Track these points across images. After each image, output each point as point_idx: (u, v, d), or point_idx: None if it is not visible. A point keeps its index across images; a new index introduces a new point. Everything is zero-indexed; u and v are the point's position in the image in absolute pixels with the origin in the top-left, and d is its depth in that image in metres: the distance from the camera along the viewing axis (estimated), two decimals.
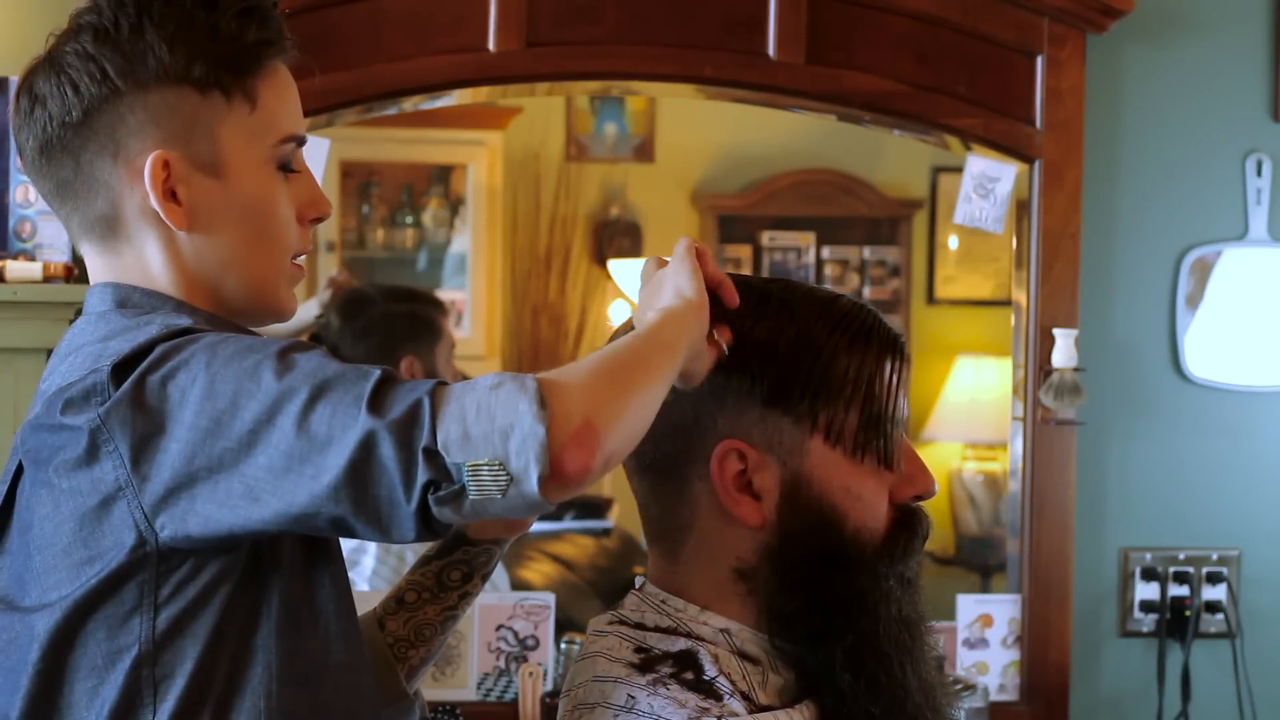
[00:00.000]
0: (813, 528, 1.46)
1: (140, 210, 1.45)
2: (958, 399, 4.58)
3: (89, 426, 1.34)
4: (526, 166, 4.67)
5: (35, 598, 1.38)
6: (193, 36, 1.44)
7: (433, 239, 4.83)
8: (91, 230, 1.48)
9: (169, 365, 1.33)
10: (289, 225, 1.49)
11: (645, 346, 1.37)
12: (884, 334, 1.50)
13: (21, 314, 2.65)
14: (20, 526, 1.41)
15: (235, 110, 1.46)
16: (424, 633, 1.67)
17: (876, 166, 4.75)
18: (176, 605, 1.36)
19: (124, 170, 1.44)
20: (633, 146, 4.81)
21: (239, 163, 1.46)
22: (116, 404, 1.33)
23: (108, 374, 1.34)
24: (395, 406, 1.28)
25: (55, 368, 1.43)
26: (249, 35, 1.46)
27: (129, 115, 1.43)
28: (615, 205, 4.82)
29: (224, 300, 1.48)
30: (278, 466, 1.30)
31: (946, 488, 4.55)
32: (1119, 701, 3.18)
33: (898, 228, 4.84)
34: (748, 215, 4.83)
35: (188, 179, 1.44)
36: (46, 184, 1.48)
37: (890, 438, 1.49)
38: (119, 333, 1.40)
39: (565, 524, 4.37)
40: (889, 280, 4.80)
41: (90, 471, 1.35)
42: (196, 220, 1.45)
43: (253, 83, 1.46)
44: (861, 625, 1.45)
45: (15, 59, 2.86)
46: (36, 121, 1.46)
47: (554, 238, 4.68)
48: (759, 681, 1.47)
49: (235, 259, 1.47)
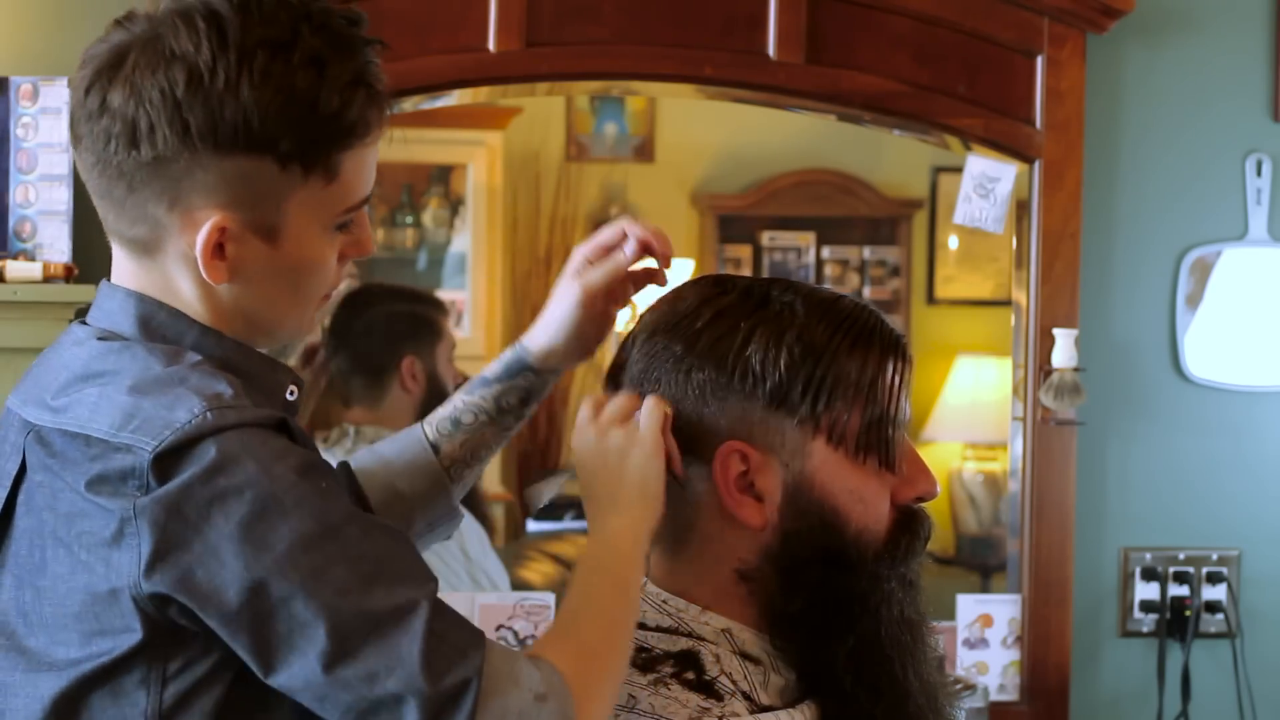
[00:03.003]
0: (814, 529, 1.46)
1: (182, 253, 1.39)
2: (958, 399, 4.58)
3: (120, 512, 1.29)
4: (526, 166, 4.66)
5: (41, 645, 1.35)
6: (290, 108, 1.34)
7: (433, 239, 4.82)
8: (127, 242, 1.42)
9: (221, 487, 1.28)
10: (330, 275, 1.44)
11: (631, 607, 1.42)
12: (886, 335, 1.50)
13: (21, 314, 2.65)
14: (29, 563, 1.37)
15: (310, 185, 1.37)
16: (479, 453, 1.68)
17: (876, 166, 4.75)
18: (185, 681, 1.33)
19: (178, 217, 1.37)
20: (633, 146, 4.80)
21: (298, 232, 1.39)
22: (155, 502, 1.28)
23: (149, 462, 1.29)
24: (443, 676, 1.28)
25: (70, 386, 1.37)
26: (351, 112, 1.36)
27: (199, 172, 1.35)
28: (615, 205, 4.81)
29: (249, 330, 1.43)
30: (297, 667, 1.28)
31: (946, 488, 4.55)
32: (1119, 701, 3.18)
33: (898, 228, 4.84)
34: (748, 215, 4.83)
35: (240, 238, 1.37)
36: (92, 182, 1.41)
37: (892, 439, 1.49)
38: (150, 388, 1.33)
39: (565, 524, 4.36)
40: (889, 280, 4.79)
41: (109, 554, 1.30)
42: (237, 275, 1.39)
43: (339, 158, 1.38)
44: (863, 627, 1.45)
45: (15, 59, 2.87)
46: (99, 132, 1.37)
47: (554, 238, 4.67)
48: (760, 682, 1.47)
49: (266, 309, 1.42)
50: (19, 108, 2.76)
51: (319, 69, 1.35)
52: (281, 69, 1.34)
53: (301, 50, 1.35)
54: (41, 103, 2.76)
